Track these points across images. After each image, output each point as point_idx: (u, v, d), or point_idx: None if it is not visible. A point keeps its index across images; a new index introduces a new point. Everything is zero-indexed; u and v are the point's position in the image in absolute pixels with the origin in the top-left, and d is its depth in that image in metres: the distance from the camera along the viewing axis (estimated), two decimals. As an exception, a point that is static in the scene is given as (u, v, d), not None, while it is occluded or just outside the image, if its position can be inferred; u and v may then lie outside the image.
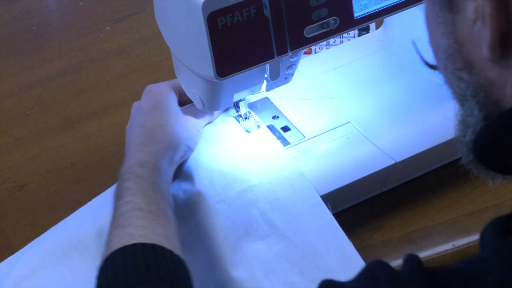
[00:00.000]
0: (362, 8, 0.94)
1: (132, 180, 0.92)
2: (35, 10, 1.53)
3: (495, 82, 0.62)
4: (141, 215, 0.88)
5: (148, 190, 0.91)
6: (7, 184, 1.17)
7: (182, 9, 0.88)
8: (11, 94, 1.33)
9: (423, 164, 1.10)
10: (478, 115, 0.65)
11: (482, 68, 0.63)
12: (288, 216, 0.99)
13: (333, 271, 0.93)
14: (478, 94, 0.64)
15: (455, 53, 0.64)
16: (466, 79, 0.64)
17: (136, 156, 0.95)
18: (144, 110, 1.01)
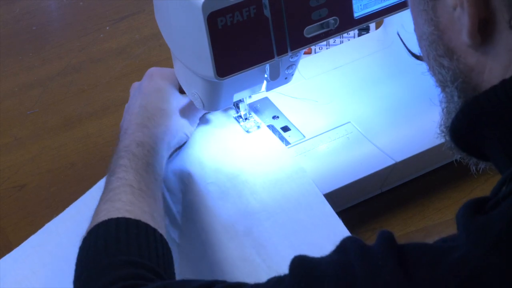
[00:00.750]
0: (362, 8, 0.94)
1: (127, 158, 0.94)
2: (35, 10, 1.53)
3: (474, 68, 0.63)
4: (131, 191, 0.89)
5: (141, 169, 0.93)
6: (7, 184, 1.17)
7: (182, 9, 0.88)
8: (11, 94, 1.33)
9: (423, 164, 1.10)
10: (458, 101, 0.66)
11: (462, 55, 0.64)
12: (277, 195, 0.99)
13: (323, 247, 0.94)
14: (457, 80, 0.65)
15: (437, 40, 0.65)
16: (446, 65, 0.65)
17: (135, 136, 0.97)
18: (145, 92, 1.03)
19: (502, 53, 0.61)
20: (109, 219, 0.85)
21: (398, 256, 0.60)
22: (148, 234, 0.85)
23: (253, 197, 1.00)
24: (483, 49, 0.62)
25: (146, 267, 0.80)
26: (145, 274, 0.79)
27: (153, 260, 0.82)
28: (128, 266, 0.80)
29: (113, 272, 0.79)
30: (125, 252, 0.82)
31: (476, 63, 0.63)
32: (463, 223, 0.60)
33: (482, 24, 0.60)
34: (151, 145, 0.96)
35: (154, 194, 0.92)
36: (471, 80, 0.64)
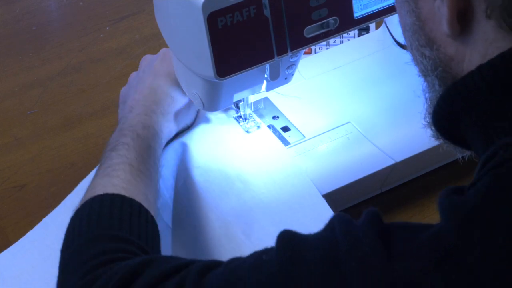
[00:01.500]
0: (362, 8, 0.94)
1: (131, 137, 0.95)
2: (35, 10, 1.53)
3: (453, 57, 0.65)
4: (130, 170, 0.91)
5: (143, 151, 0.95)
6: (7, 184, 1.17)
7: (182, 9, 0.88)
8: (11, 94, 1.34)
9: (423, 164, 1.10)
10: (439, 89, 0.68)
11: (442, 44, 0.66)
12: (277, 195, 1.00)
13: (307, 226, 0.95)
14: (437, 68, 0.67)
15: (418, 30, 0.68)
16: (428, 55, 0.67)
17: (141, 118, 0.99)
18: (157, 72, 1.04)
19: (480, 42, 0.63)
20: (105, 193, 0.87)
21: (380, 231, 0.62)
22: (141, 214, 0.86)
23: (252, 196, 1.00)
24: (462, 38, 0.64)
25: (135, 244, 0.82)
26: (134, 250, 0.81)
27: (143, 239, 0.84)
28: (118, 240, 0.82)
29: (103, 244, 0.81)
30: (116, 227, 0.83)
31: (456, 53, 0.65)
32: (440, 203, 0.62)
33: (460, 14, 0.62)
34: (156, 130, 0.99)
35: (151, 176, 0.94)
36: (451, 69, 0.66)
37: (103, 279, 0.75)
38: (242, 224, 0.97)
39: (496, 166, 0.60)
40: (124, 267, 0.75)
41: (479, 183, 0.60)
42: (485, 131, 0.63)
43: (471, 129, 0.65)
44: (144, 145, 0.95)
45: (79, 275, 0.78)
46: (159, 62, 1.06)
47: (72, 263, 0.81)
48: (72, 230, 0.85)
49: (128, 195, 0.87)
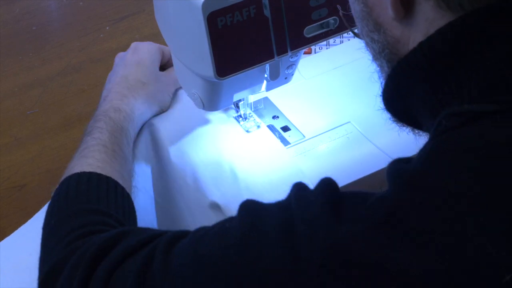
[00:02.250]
0: (362, 8, 0.94)
1: (104, 121, 1.00)
2: (35, 10, 1.53)
3: (399, 39, 0.68)
4: (104, 150, 0.96)
5: (116, 132, 0.99)
6: (7, 184, 1.17)
7: (182, 9, 0.88)
8: (11, 94, 1.34)
9: (423, 164, 1.10)
10: (387, 70, 0.72)
11: (388, 27, 0.69)
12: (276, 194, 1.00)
13: None
14: (384, 50, 0.70)
15: (366, 16, 0.71)
16: (376, 39, 0.71)
17: (113, 103, 1.03)
18: (128, 63, 1.10)
19: (421, 22, 0.66)
20: (82, 172, 0.91)
21: (331, 196, 0.64)
22: (117, 191, 0.90)
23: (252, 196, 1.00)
24: (406, 21, 0.67)
25: (113, 217, 0.86)
26: (112, 222, 0.84)
27: (120, 214, 0.88)
28: (97, 213, 0.85)
29: (82, 217, 0.85)
30: (94, 202, 0.87)
31: (401, 35, 0.68)
32: (387, 172, 0.65)
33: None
34: (127, 112, 1.03)
35: (125, 155, 0.98)
36: (398, 51, 0.69)
37: (82, 250, 0.77)
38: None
39: (437, 135, 0.63)
40: (101, 238, 0.78)
41: (421, 150, 0.63)
42: (431, 105, 0.66)
43: (419, 106, 0.68)
44: (117, 127, 1.00)
45: (59, 248, 0.81)
46: (130, 54, 1.11)
47: (52, 237, 0.84)
48: (51, 207, 0.88)
49: (104, 173, 0.91)
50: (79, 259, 0.77)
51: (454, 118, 0.62)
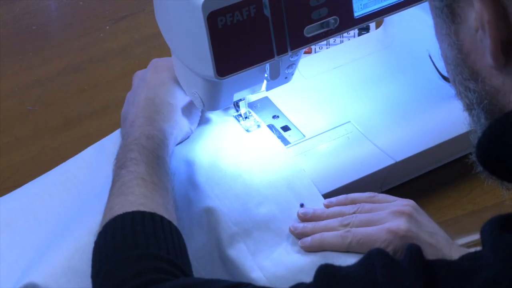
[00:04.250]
0: (362, 8, 0.94)
1: (137, 151, 0.93)
2: (35, 10, 1.53)
3: (500, 89, 0.63)
4: (144, 184, 0.89)
5: (152, 162, 0.92)
6: (7, 183, 1.17)
7: (182, 8, 0.88)
8: (11, 94, 1.33)
9: (423, 164, 1.10)
10: (485, 122, 0.65)
11: (487, 76, 0.63)
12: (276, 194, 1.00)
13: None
14: (483, 101, 0.64)
15: (461, 63, 0.65)
16: (472, 88, 0.65)
17: (143, 129, 0.96)
18: (151, 85, 1.02)
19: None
20: (125, 213, 0.85)
21: (426, 276, 0.59)
22: (164, 227, 0.84)
23: (252, 196, 1.00)
24: (508, 69, 0.62)
25: (166, 260, 0.80)
26: (166, 267, 0.79)
27: (171, 252, 0.82)
28: (148, 259, 0.80)
29: (134, 265, 0.79)
30: (143, 245, 0.82)
31: (502, 85, 0.63)
32: (491, 241, 0.59)
33: (504, 45, 0.60)
34: (161, 139, 0.96)
35: (166, 186, 0.92)
36: (498, 101, 0.64)
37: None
38: (251, 242, 0.97)
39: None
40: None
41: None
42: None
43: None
44: (152, 156, 0.93)
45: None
46: (151, 73, 1.04)
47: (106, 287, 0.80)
48: (99, 254, 0.83)
49: (147, 210, 0.85)
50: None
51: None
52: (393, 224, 0.91)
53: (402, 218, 0.91)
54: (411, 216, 0.92)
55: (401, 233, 0.90)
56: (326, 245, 0.93)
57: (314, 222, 0.96)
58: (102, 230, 0.85)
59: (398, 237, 0.90)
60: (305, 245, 0.94)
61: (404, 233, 0.90)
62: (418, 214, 0.93)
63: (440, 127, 1.09)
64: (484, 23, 0.60)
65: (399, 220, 0.91)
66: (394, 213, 0.92)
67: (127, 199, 0.87)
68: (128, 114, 1.02)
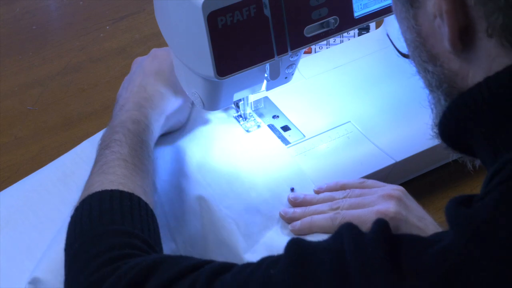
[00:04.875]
0: (362, 8, 0.94)
1: (122, 133, 0.96)
2: (35, 10, 1.53)
3: (458, 73, 0.65)
4: (125, 165, 0.92)
5: (136, 145, 0.95)
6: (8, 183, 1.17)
7: (182, 8, 0.88)
8: (11, 93, 1.33)
9: (423, 164, 1.10)
10: (445, 104, 0.68)
11: (445, 60, 0.66)
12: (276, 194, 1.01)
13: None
14: (442, 85, 0.67)
15: (420, 46, 0.67)
16: (431, 70, 0.67)
17: (131, 113, 0.99)
18: (146, 72, 1.05)
19: (483, 58, 0.63)
20: (103, 190, 0.87)
21: (390, 246, 0.61)
22: (141, 208, 0.87)
23: (252, 196, 1.00)
24: (465, 55, 0.64)
25: (140, 238, 0.82)
26: (140, 244, 0.81)
27: (145, 232, 0.84)
28: (122, 235, 0.82)
29: (108, 240, 0.81)
30: (119, 222, 0.84)
31: (460, 69, 0.65)
32: (448, 215, 0.61)
33: (462, 32, 0.62)
34: (146, 124, 0.99)
35: (147, 169, 0.95)
36: (456, 84, 0.66)
37: (113, 279, 0.75)
38: (242, 224, 0.98)
39: (503, 181, 0.59)
40: (133, 268, 0.75)
41: (487, 198, 0.59)
42: (492, 143, 0.63)
43: (478, 140, 0.65)
44: (136, 139, 0.96)
45: (86, 273, 0.78)
46: (149, 61, 1.07)
47: (78, 261, 0.81)
48: (74, 228, 0.85)
49: (126, 190, 0.88)
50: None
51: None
52: (383, 206, 0.92)
53: (391, 201, 0.93)
54: (400, 199, 0.93)
55: (390, 215, 0.91)
56: (315, 227, 0.94)
57: (304, 207, 0.97)
58: (79, 205, 0.87)
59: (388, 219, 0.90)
60: (294, 228, 0.96)
61: (393, 215, 0.91)
62: (407, 199, 0.95)
63: (440, 127, 1.09)
64: (442, 12, 0.62)
65: (389, 203, 0.93)
66: (383, 197, 0.94)
67: (107, 177, 0.90)
68: (120, 97, 1.05)
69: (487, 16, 0.60)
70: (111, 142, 0.95)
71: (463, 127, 0.66)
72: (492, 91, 0.62)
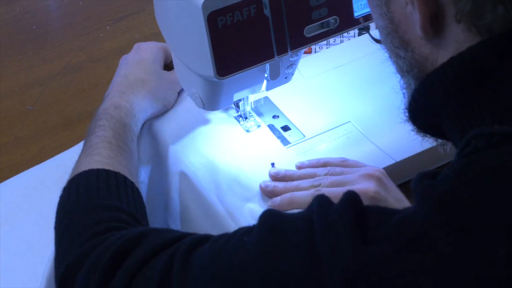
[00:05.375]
0: (362, 8, 0.94)
1: (105, 119, 1.00)
2: (35, 10, 1.53)
3: (428, 58, 0.67)
4: (109, 147, 0.96)
5: (119, 128, 0.99)
6: (7, 183, 1.17)
7: (182, 8, 0.88)
8: (11, 93, 1.33)
9: (423, 164, 1.10)
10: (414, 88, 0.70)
11: (416, 46, 0.68)
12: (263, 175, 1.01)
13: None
14: (413, 70, 0.69)
15: (392, 33, 0.70)
16: (402, 56, 0.70)
17: (113, 100, 1.04)
18: (129, 63, 1.10)
19: (451, 43, 0.65)
20: (90, 169, 0.90)
21: (356, 214, 0.63)
22: (127, 186, 0.90)
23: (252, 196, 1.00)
24: (435, 41, 0.66)
25: (126, 212, 0.85)
26: (126, 218, 0.84)
27: (132, 207, 0.87)
28: (110, 209, 0.85)
29: (95, 214, 0.84)
30: (106, 198, 0.86)
31: (430, 54, 0.67)
32: (413, 188, 0.63)
33: (432, 18, 0.64)
34: (128, 109, 1.03)
35: (131, 150, 0.98)
36: (426, 69, 0.68)
37: (100, 250, 0.77)
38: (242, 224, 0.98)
39: (467, 155, 0.62)
40: (120, 239, 0.77)
41: (450, 170, 0.62)
42: (459, 121, 0.65)
43: (446, 120, 0.67)
44: (119, 124, 1.00)
45: (75, 246, 0.80)
46: (132, 54, 1.12)
47: (67, 236, 0.83)
48: (62, 205, 0.88)
49: (111, 169, 0.91)
50: (97, 262, 0.76)
51: (484, 138, 0.61)
52: (363, 185, 0.93)
53: (371, 180, 0.94)
54: (380, 180, 0.95)
55: (370, 195, 0.92)
56: (295, 203, 0.96)
57: (285, 182, 0.98)
58: (67, 185, 0.90)
59: (367, 199, 0.93)
60: (274, 204, 0.97)
61: (373, 194, 0.92)
62: (388, 180, 0.96)
63: (440, 127, 1.09)
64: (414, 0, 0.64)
65: (369, 182, 0.94)
66: (364, 176, 0.95)
67: (93, 158, 0.93)
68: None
69: (456, 2, 0.62)
70: (95, 128, 1.00)
71: (431, 108, 0.68)
72: (455, 71, 0.64)
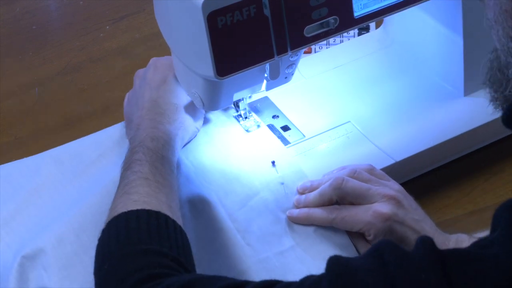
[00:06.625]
0: (362, 8, 0.94)
1: (142, 152, 0.94)
2: (35, 10, 1.53)
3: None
4: (147, 183, 0.90)
5: (156, 162, 0.93)
6: (7, 183, 1.17)
7: (182, 8, 0.88)
8: (11, 93, 1.33)
9: (423, 164, 1.10)
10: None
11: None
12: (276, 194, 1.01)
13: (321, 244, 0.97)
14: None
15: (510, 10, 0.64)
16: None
17: (148, 132, 0.97)
18: (152, 85, 1.03)
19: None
20: (129, 210, 0.85)
21: (441, 267, 0.59)
22: (168, 225, 0.85)
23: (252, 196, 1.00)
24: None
25: (169, 256, 0.81)
26: (169, 263, 0.80)
27: (174, 250, 0.82)
28: (152, 254, 0.80)
29: (137, 260, 0.80)
30: (147, 241, 0.82)
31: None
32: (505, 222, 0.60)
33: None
34: (165, 140, 0.97)
35: (171, 185, 0.93)
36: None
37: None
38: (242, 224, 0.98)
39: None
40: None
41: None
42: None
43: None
44: (156, 156, 0.94)
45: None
46: (151, 72, 1.04)
47: (108, 283, 0.80)
48: (102, 250, 0.84)
49: (151, 208, 0.86)
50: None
51: None
52: (380, 207, 0.93)
53: (390, 203, 0.94)
54: (399, 203, 0.94)
55: (386, 217, 0.92)
56: (312, 219, 0.97)
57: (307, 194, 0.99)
58: (106, 227, 0.85)
59: (382, 220, 0.93)
60: (292, 216, 0.98)
61: (389, 217, 0.93)
62: (408, 201, 0.96)
63: (440, 127, 1.09)
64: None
65: (387, 204, 0.94)
66: (385, 196, 0.95)
67: (130, 198, 0.88)
68: (132, 115, 1.03)
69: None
70: (131, 163, 0.93)
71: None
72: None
